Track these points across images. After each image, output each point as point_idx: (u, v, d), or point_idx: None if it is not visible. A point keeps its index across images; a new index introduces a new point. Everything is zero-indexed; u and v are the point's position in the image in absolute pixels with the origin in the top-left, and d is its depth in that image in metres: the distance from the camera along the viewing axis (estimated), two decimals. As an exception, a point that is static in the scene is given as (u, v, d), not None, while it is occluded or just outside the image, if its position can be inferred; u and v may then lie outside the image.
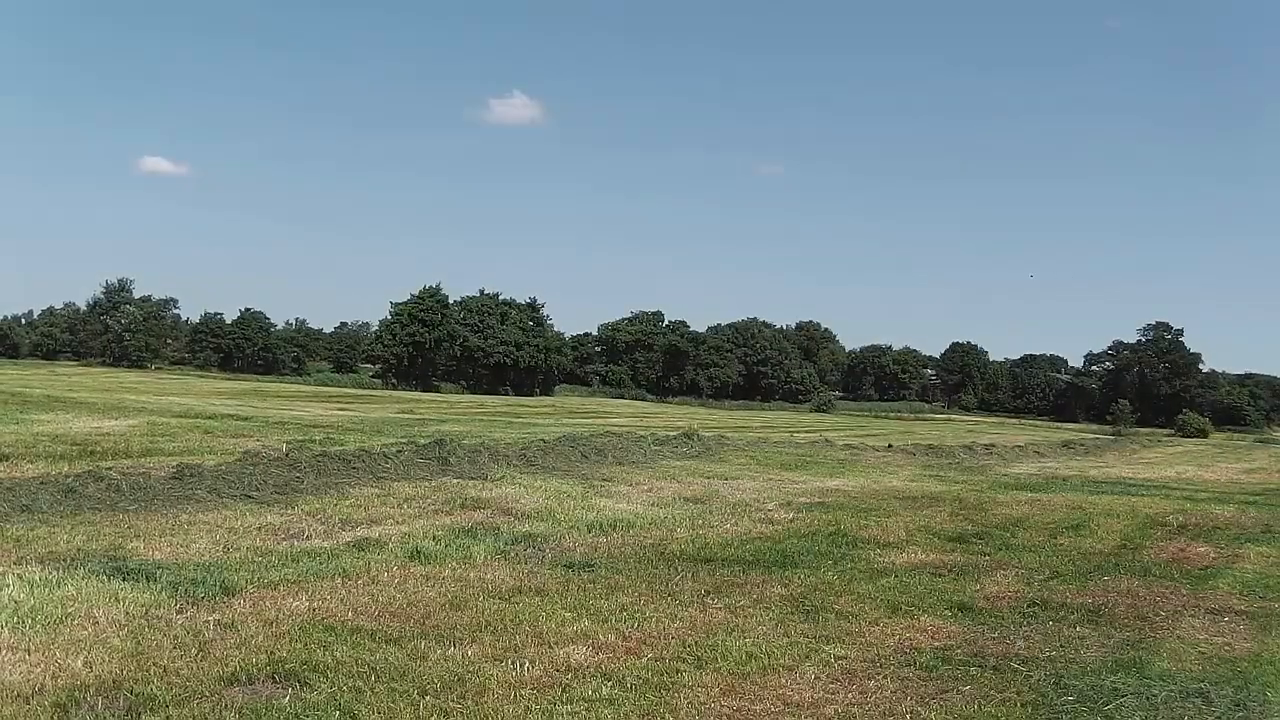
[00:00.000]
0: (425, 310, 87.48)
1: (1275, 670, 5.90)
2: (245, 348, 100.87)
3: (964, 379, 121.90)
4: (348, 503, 10.02)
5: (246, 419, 22.05)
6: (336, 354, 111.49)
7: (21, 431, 15.52)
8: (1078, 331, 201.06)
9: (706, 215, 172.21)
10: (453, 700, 4.56)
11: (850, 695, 5.04)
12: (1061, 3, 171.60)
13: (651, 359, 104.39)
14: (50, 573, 6.27)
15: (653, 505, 11.56)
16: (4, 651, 4.79)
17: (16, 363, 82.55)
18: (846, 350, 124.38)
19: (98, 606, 5.62)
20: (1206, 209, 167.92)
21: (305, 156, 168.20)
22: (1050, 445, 32.84)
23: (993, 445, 29.78)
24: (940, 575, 8.30)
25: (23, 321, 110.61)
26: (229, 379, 73.24)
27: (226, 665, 4.81)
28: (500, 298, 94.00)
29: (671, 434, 22.21)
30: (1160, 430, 77.61)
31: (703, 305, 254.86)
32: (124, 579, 6.24)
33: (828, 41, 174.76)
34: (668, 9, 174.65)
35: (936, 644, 6.10)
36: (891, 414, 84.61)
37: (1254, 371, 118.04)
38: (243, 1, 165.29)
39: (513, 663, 5.16)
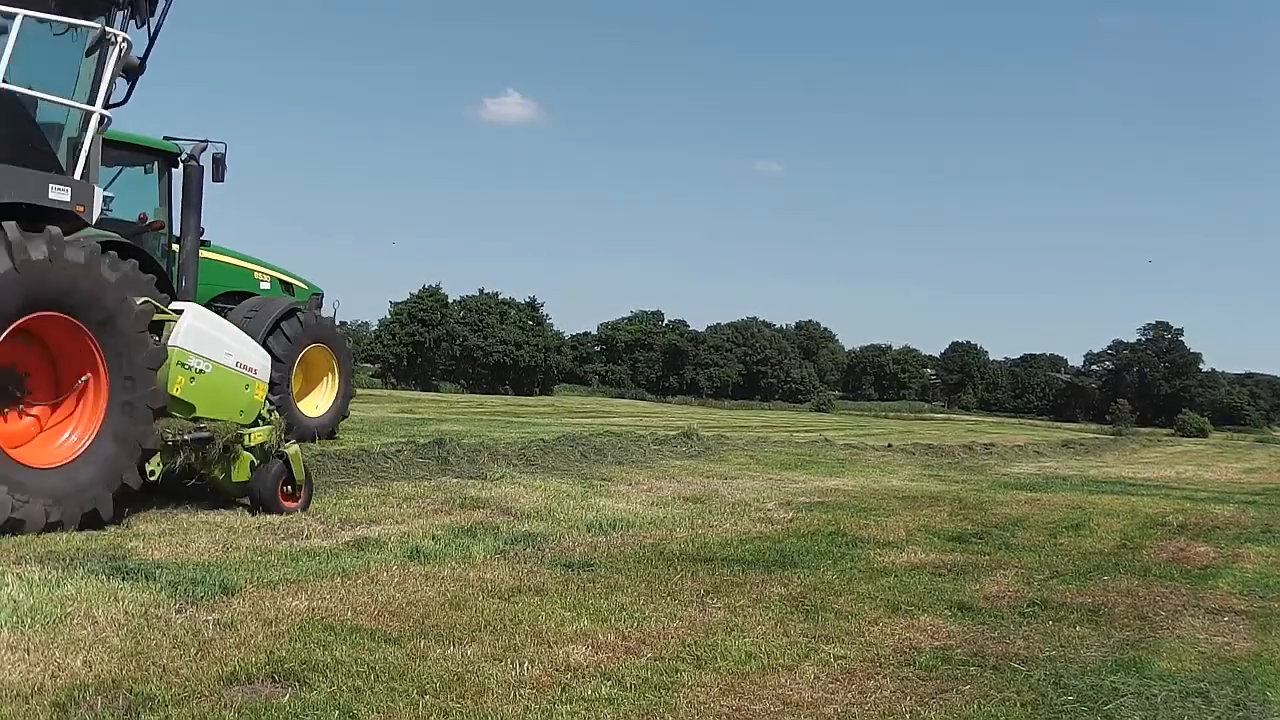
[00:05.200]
0: (424, 310, 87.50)
1: (1275, 670, 5.90)
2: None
3: (964, 379, 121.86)
4: (347, 502, 10.02)
5: (246, 418, 21.99)
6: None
7: (21, 431, 15.50)
8: (1078, 331, 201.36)
9: (705, 214, 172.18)
10: (452, 699, 4.56)
11: (850, 695, 5.05)
12: (1057, 1, 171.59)
13: (651, 358, 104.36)
14: (49, 572, 6.27)
15: (652, 505, 11.56)
16: (3, 651, 4.79)
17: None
18: (846, 350, 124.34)
19: (97, 606, 5.62)
20: (1206, 209, 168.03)
21: (303, 156, 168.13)
22: (1050, 445, 32.80)
23: (993, 445, 29.74)
24: (940, 575, 8.30)
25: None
26: (229, 378, 73.02)
27: (226, 665, 4.81)
28: (500, 297, 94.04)
29: (671, 433, 22.19)
30: (1160, 430, 77.53)
31: (702, 305, 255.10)
32: (123, 578, 6.24)
33: (826, 39, 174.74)
34: (665, 7, 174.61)
35: (936, 643, 6.11)
36: (891, 414, 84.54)
37: (1254, 371, 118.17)
38: (241, 1, 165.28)
39: (512, 662, 5.17)
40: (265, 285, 15.19)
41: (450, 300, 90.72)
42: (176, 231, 13.04)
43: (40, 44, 8.15)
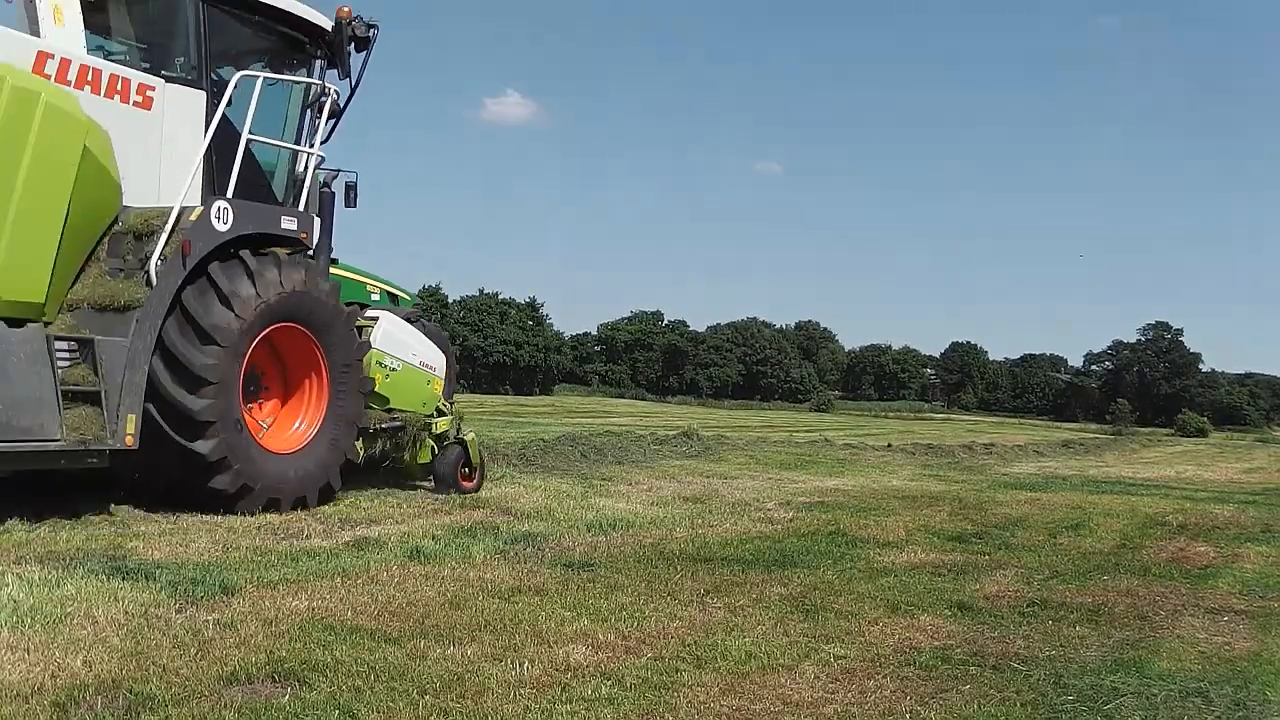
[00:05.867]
0: (424, 310, 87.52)
1: (1275, 670, 5.90)
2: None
3: (964, 379, 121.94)
4: (347, 502, 10.01)
5: (246, 418, 21.98)
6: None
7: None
8: (1078, 331, 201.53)
9: (705, 214, 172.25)
10: (452, 699, 4.56)
11: (850, 694, 5.04)
12: (1056, 2, 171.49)
13: (651, 358, 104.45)
14: (50, 572, 6.26)
15: (652, 505, 11.56)
16: (3, 651, 4.78)
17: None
18: (846, 350, 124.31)
19: (97, 606, 5.61)
20: (1206, 209, 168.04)
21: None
22: (1050, 445, 32.83)
23: (992, 445, 29.78)
24: (940, 574, 8.30)
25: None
26: (229, 378, 72.98)
27: (226, 665, 4.81)
28: (500, 297, 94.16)
29: (671, 433, 22.22)
30: (1160, 430, 77.61)
31: (702, 305, 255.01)
32: (123, 578, 6.24)
33: (826, 39, 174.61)
34: (665, 7, 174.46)
35: (936, 643, 6.10)
36: (891, 414, 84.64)
37: (1254, 371, 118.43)
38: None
39: (512, 662, 5.16)
40: (375, 297, 15.58)
41: (450, 300, 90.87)
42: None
43: (265, 96, 9.35)
